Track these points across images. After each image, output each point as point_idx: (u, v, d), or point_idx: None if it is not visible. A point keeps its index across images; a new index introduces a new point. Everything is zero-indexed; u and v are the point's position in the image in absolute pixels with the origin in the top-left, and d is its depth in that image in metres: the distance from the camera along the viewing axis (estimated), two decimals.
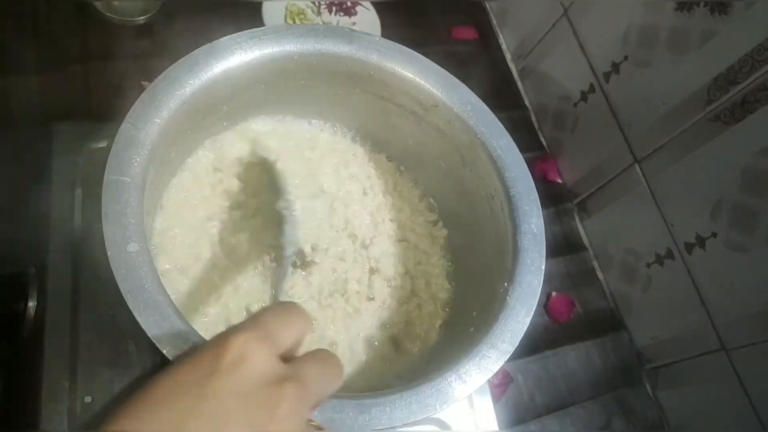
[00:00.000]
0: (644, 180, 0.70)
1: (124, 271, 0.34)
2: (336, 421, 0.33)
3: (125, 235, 0.35)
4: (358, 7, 0.80)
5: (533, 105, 0.89)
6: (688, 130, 0.63)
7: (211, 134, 0.51)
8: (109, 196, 0.36)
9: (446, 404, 0.36)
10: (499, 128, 0.49)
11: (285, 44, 0.46)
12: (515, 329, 0.41)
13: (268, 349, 0.28)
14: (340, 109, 0.55)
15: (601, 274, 0.79)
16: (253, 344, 0.27)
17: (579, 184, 0.81)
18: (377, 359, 0.48)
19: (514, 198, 0.46)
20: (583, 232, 0.81)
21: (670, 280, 0.68)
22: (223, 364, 0.26)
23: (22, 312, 0.46)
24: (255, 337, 0.28)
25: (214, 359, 0.27)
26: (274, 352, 0.28)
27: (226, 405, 0.26)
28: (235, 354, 0.27)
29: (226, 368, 0.26)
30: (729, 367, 0.63)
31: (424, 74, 0.49)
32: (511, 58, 0.92)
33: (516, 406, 0.67)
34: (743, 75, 0.56)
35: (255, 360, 0.27)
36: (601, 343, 0.74)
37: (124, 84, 0.65)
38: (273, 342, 0.29)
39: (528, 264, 0.43)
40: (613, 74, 0.72)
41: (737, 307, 0.61)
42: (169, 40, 0.71)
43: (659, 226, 0.68)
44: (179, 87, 0.41)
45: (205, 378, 0.26)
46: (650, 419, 0.72)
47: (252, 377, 0.27)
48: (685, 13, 0.61)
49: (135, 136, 0.38)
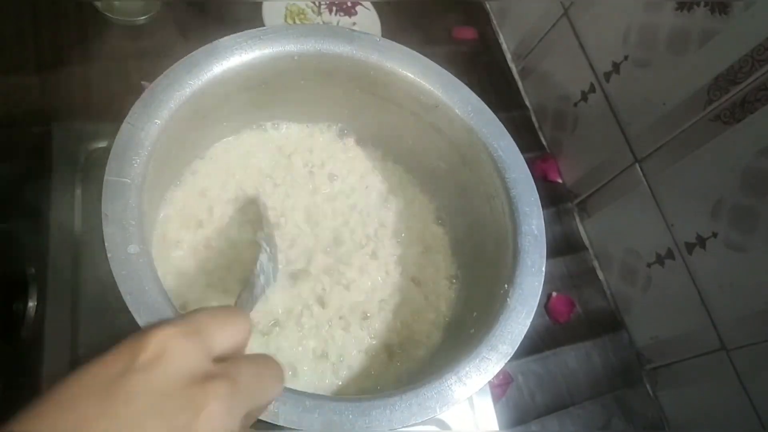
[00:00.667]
0: (644, 180, 0.70)
1: (125, 272, 0.34)
2: (335, 423, 0.33)
3: (125, 236, 0.35)
4: (358, 7, 0.80)
5: (533, 105, 0.89)
6: (689, 130, 0.63)
7: (212, 134, 0.51)
8: (109, 197, 0.36)
9: (446, 406, 0.36)
10: (500, 128, 0.49)
11: (285, 44, 0.46)
12: (516, 331, 0.41)
13: (196, 346, 0.25)
14: (340, 109, 0.55)
15: (602, 274, 0.79)
16: (177, 340, 0.24)
17: (579, 184, 0.81)
18: (377, 360, 0.48)
19: (514, 199, 0.46)
20: (583, 232, 0.81)
21: (670, 280, 0.68)
22: (138, 362, 0.23)
23: (22, 312, 0.46)
24: (181, 333, 0.25)
25: (129, 356, 0.23)
26: (202, 351, 0.25)
27: (138, 406, 0.22)
28: (154, 350, 0.24)
29: (142, 365, 0.23)
30: (729, 367, 0.63)
31: (424, 74, 0.49)
32: (511, 58, 0.92)
33: (516, 406, 0.67)
34: (743, 75, 0.56)
35: (177, 356, 0.24)
36: (601, 343, 0.74)
37: (124, 84, 0.65)
38: (202, 341, 0.25)
39: (528, 265, 0.43)
40: (614, 74, 0.72)
41: (738, 307, 0.61)
42: (169, 40, 0.70)
43: (659, 226, 0.68)
44: (179, 87, 0.41)
45: (117, 377, 0.23)
46: (650, 419, 0.72)
47: (172, 375, 0.23)
48: (685, 12, 0.61)
49: (135, 136, 0.38)
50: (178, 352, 0.24)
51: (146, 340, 0.24)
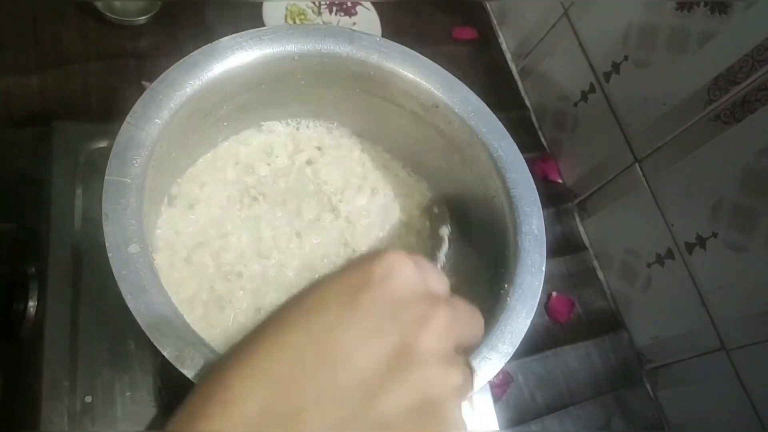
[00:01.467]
0: (644, 180, 0.70)
1: (125, 272, 0.34)
2: None
3: (126, 235, 0.35)
4: (358, 7, 0.80)
5: (533, 105, 0.89)
6: (689, 130, 0.63)
7: (212, 134, 0.51)
8: (109, 197, 0.36)
9: None
10: (500, 128, 0.49)
11: (285, 44, 0.46)
12: (516, 331, 0.41)
13: (416, 269, 0.28)
14: (340, 109, 0.55)
15: (602, 274, 0.79)
16: (404, 262, 0.28)
17: (579, 184, 0.81)
18: None
19: (514, 199, 0.46)
20: (583, 232, 0.81)
21: (670, 280, 0.68)
22: (373, 277, 0.27)
23: (22, 312, 0.46)
24: (406, 259, 0.28)
25: (363, 273, 0.27)
26: (421, 277, 0.28)
27: (377, 314, 0.26)
28: (385, 268, 0.27)
29: (376, 280, 0.27)
30: (729, 367, 0.63)
31: (424, 74, 0.49)
32: (511, 58, 0.92)
33: (516, 406, 0.67)
34: (743, 75, 0.56)
35: (405, 276, 0.27)
36: (601, 343, 0.74)
37: (125, 84, 0.65)
38: (423, 273, 0.28)
39: (528, 265, 0.43)
40: (614, 74, 0.72)
41: (738, 307, 0.61)
42: (169, 40, 0.71)
43: (659, 226, 0.68)
44: (180, 87, 0.41)
45: (356, 289, 0.26)
46: (650, 419, 0.72)
47: (404, 289, 0.27)
48: (685, 12, 0.61)
49: (136, 136, 0.38)
50: (407, 271, 0.27)
51: (376, 260, 0.27)
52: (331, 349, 0.25)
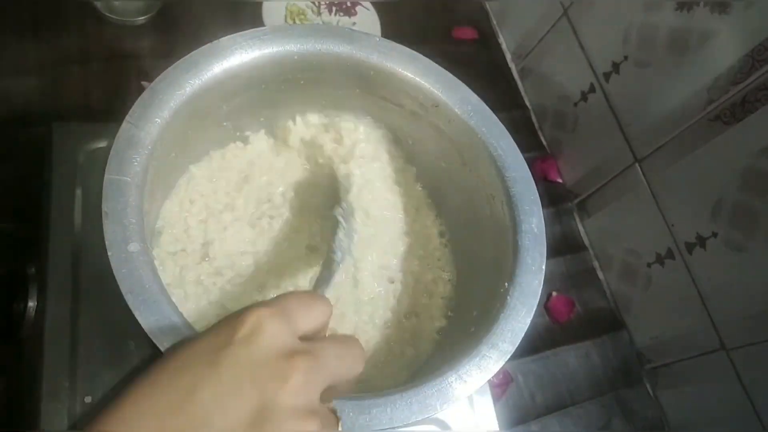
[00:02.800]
0: (644, 180, 0.70)
1: (125, 270, 0.34)
2: None
3: (126, 234, 0.35)
4: (358, 7, 0.80)
5: (533, 105, 0.89)
6: (689, 129, 0.63)
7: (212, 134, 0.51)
8: (109, 196, 0.36)
9: (447, 404, 0.36)
10: (500, 128, 0.49)
11: (285, 44, 0.46)
12: (516, 329, 0.41)
13: (283, 324, 0.28)
14: (340, 109, 0.55)
15: (602, 274, 0.79)
16: (269, 318, 0.28)
17: (579, 184, 0.81)
18: (375, 360, 0.48)
19: (514, 198, 0.46)
20: (583, 231, 0.81)
21: (670, 280, 0.68)
22: (237, 336, 0.27)
23: (22, 312, 0.46)
24: (271, 313, 0.28)
25: (229, 332, 0.27)
26: (289, 329, 0.29)
27: (237, 374, 0.26)
28: (250, 326, 0.27)
29: (240, 340, 0.27)
30: (729, 367, 0.63)
31: (424, 74, 0.49)
32: (511, 58, 0.92)
33: (516, 406, 0.67)
34: (743, 75, 0.56)
35: (269, 333, 0.27)
36: (601, 343, 0.74)
37: (124, 84, 0.65)
38: (290, 320, 0.29)
39: (528, 264, 0.43)
40: (614, 74, 0.72)
41: (738, 307, 0.61)
42: (169, 40, 0.71)
43: (659, 226, 0.68)
44: (179, 87, 0.41)
45: (219, 349, 0.27)
46: (650, 419, 0.72)
47: (265, 348, 0.27)
48: (685, 12, 0.61)
49: (135, 135, 0.38)
50: (270, 329, 0.27)
51: (243, 318, 0.28)
52: (191, 411, 0.25)
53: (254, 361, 0.27)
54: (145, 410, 0.25)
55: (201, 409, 0.25)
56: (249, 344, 0.27)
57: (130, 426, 0.25)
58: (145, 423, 0.25)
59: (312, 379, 0.28)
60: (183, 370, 0.27)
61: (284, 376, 0.27)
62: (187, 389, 0.26)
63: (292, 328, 0.29)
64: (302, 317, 0.30)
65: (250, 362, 0.26)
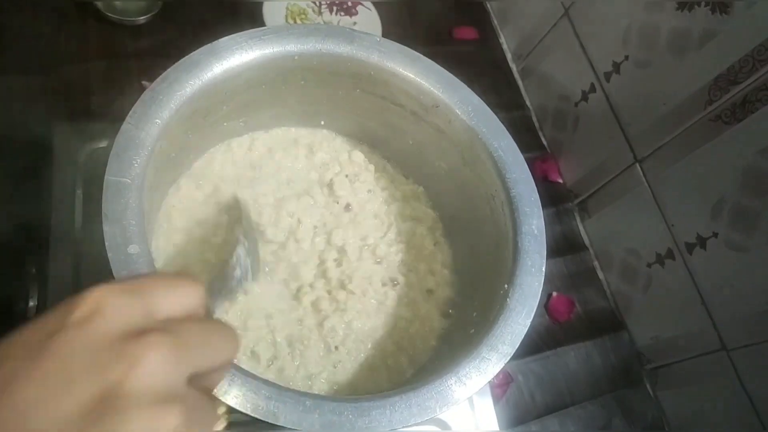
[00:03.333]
0: (645, 180, 0.69)
1: (125, 272, 0.34)
2: (335, 423, 0.33)
3: (126, 236, 0.35)
4: (358, 6, 0.80)
5: (534, 105, 0.89)
6: (689, 129, 0.63)
7: (212, 134, 0.51)
8: (109, 197, 0.36)
9: (446, 407, 0.36)
10: (500, 128, 0.49)
11: (285, 44, 0.46)
12: (515, 331, 0.41)
13: (134, 303, 0.23)
14: (341, 109, 0.55)
15: (602, 274, 0.79)
16: (114, 296, 0.23)
17: (580, 184, 0.81)
18: (376, 360, 0.48)
19: (514, 199, 0.46)
20: (583, 232, 0.81)
21: (670, 280, 0.68)
22: (72, 318, 0.22)
23: (22, 312, 0.46)
24: (119, 290, 0.23)
25: (62, 316, 0.22)
26: (141, 309, 0.23)
27: (67, 363, 0.21)
28: (90, 306, 0.22)
29: (75, 322, 0.22)
30: (730, 367, 0.63)
31: (424, 74, 0.49)
32: (511, 58, 0.92)
33: (516, 407, 0.67)
34: (744, 75, 0.56)
35: (112, 312, 0.22)
36: (602, 343, 0.74)
37: (125, 84, 0.65)
38: (143, 299, 0.24)
39: (528, 265, 0.43)
40: (614, 74, 0.72)
41: (738, 307, 0.61)
42: (169, 40, 0.70)
43: (660, 226, 0.68)
44: (180, 87, 0.41)
45: (47, 336, 0.22)
46: (650, 419, 0.72)
47: (106, 330, 0.22)
48: (685, 12, 0.61)
49: (135, 136, 0.38)
50: (114, 307, 0.23)
51: (81, 298, 0.23)
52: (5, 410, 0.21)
53: (91, 346, 0.22)
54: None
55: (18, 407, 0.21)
56: (85, 326, 0.22)
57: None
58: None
59: (171, 359, 0.22)
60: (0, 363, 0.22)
61: (132, 357, 0.21)
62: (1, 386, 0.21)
63: (144, 308, 0.24)
64: (162, 297, 0.24)
65: (85, 348, 0.22)
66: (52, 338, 0.22)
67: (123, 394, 0.21)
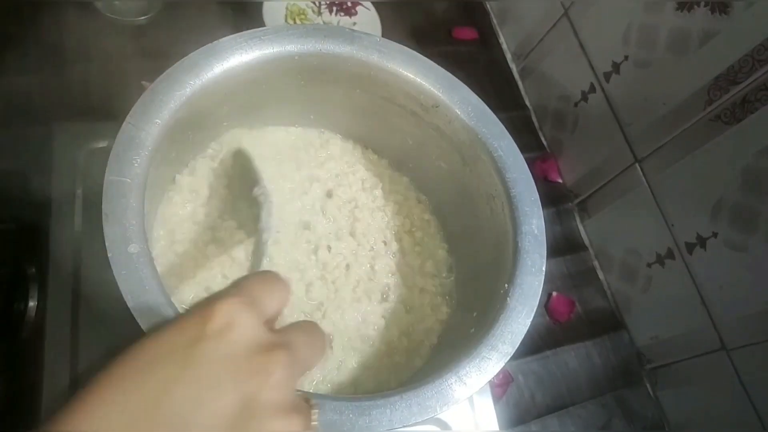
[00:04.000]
0: (645, 180, 0.70)
1: (125, 272, 0.34)
2: (336, 422, 0.33)
3: (126, 236, 0.35)
4: (358, 7, 0.80)
5: (533, 105, 0.89)
6: (689, 129, 0.63)
7: (212, 135, 0.51)
8: (109, 197, 0.36)
9: (446, 406, 0.36)
10: (500, 128, 0.49)
11: (285, 44, 0.46)
12: (516, 331, 0.41)
13: (255, 315, 0.27)
14: (341, 109, 0.55)
15: (602, 274, 0.79)
16: (239, 310, 0.26)
17: (579, 184, 0.81)
18: (376, 360, 0.48)
19: (514, 199, 0.46)
20: (583, 232, 0.81)
21: (670, 280, 0.68)
22: (210, 330, 0.25)
23: (22, 312, 0.46)
24: (241, 303, 0.27)
25: (199, 325, 0.26)
26: (260, 319, 0.27)
27: (215, 371, 0.24)
28: (222, 320, 0.26)
29: (213, 334, 0.25)
30: (729, 367, 0.63)
31: (424, 74, 0.49)
32: (511, 58, 0.92)
33: (516, 406, 0.67)
34: (744, 75, 0.56)
35: (243, 326, 0.26)
36: (602, 343, 0.74)
37: (125, 84, 0.65)
38: (258, 308, 0.27)
39: (528, 265, 0.43)
40: (614, 74, 0.72)
41: (738, 307, 0.61)
42: (169, 40, 0.70)
43: (660, 226, 0.68)
44: (180, 87, 0.41)
45: (192, 343, 0.25)
46: (650, 419, 0.72)
47: (241, 343, 0.26)
48: (685, 12, 0.61)
49: (136, 136, 0.38)
50: (243, 321, 0.26)
51: (213, 310, 0.26)
52: (167, 411, 0.23)
53: (232, 357, 0.25)
54: (113, 409, 0.23)
55: (179, 408, 0.23)
56: (223, 338, 0.25)
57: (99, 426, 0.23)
58: (115, 423, 0.23)
59: (291, 372, 0.26)
60: (153, 366, 0.24)
61: (266, 371, 0.25)
62: (161, 388, 0.24)
63: (261, 317, 0.27)
64: (268, 302, 0.28)
65: (227, 358, 0.25)
66: (196, 346, 0.25)
67: (260, 404, 0.25)
